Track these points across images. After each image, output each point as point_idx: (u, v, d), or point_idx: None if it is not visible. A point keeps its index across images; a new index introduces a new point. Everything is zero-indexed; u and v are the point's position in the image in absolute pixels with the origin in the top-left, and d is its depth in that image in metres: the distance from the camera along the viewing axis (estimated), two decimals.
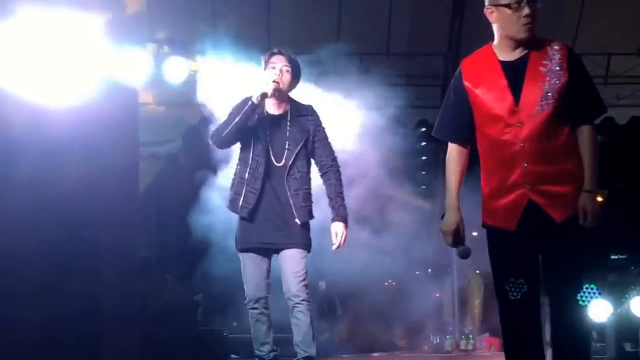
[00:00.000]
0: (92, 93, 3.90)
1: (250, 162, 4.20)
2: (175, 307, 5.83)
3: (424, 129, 8.48)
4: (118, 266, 4.16)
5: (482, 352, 7.87)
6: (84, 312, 3.88)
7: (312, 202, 4.26)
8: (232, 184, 4.27)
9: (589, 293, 6.17)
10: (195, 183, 5.18)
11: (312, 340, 4.15)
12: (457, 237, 3.30)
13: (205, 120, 4.73)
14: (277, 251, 4.24)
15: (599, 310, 6.15)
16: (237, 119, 4.16)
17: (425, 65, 8.40)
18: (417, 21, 8.18)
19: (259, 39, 7.35)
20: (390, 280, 9.22)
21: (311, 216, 4.25)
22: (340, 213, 4.23)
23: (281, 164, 4.16)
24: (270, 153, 4.19)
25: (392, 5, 8.03)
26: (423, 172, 8.28)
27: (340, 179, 4.30)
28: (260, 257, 4.25)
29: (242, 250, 4.27)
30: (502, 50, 3.24)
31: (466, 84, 3.24)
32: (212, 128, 4.45)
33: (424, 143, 9.50)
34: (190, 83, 6.00)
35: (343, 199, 4.27)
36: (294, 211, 4.15)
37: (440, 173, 9.49)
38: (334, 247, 4.24)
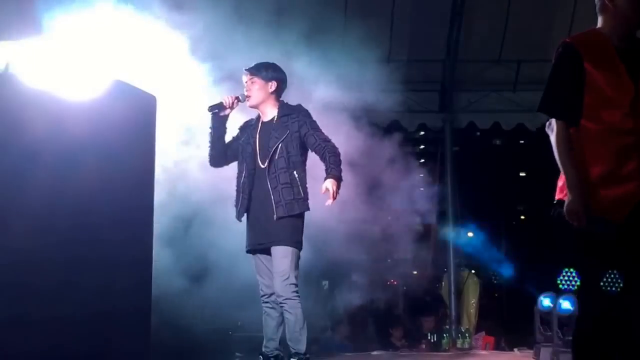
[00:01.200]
0: (110, 98, 3.99)
1: (242, 170, 4.45)
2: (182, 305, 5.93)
3: (422, 133, 8.63)
4: (133, 267, 4.23)
5: (478, 351, 7.99)
6: (97, 312, 3.92)
7: (294, 197, 4.27)
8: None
9: (569, 278, 6.35)
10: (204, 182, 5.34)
11: (299, 337, 4.22)
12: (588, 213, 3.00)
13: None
14: (266, 250, 4.37)
15: None
16: (210, 136, 4.51)
17: (424, 71, 8.59)
18: (417, 29, 8.35)
19: (266, 52, 7.49)
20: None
21: (292, 210, 4.26)
22: (332, 172, 4.25)
23: (264, 165, 4.35)
24: (258, 158, 4.40)
25: (394, 14, 8.21)
26: (421, 175, 8.41)
27: (335, 154, 4.31)
28: (264, 256, 4.39)
29: (248, 252, 4.47)
30: (614, 36, 3.15)
31: (587, 65, 3.09)
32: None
33: (422, 147, 9.63)
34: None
35: (337, 165, 4.28)
36: (274, 208, 4.27)
37: (437, 175, 9.69)
38: (327, 202, 4.26)
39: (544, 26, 8.45)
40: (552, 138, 3.17)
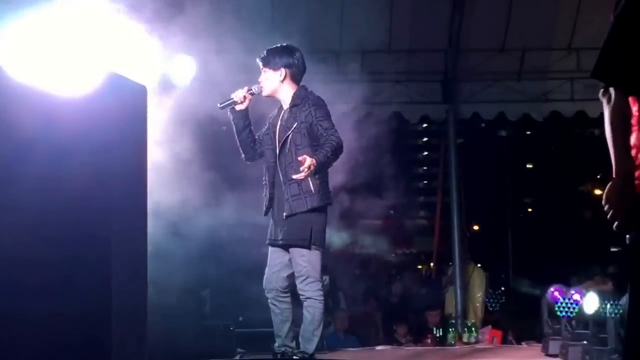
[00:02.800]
0: (101, 90, 3.91)
1: (264, 163, 4.39)
2: (182, 300, 5.89)
3: (425, 125, 8.56)
4: (127, 264, 4.16)
5: (485, 345, 7.91)
6: (92, 309, 3.87)
7: (301, 192, 4.17)
8: None
9: (568, 305, 6.27)
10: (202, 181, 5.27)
11: (311, 337, 4.23)
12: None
13: (212, 119, 4.83)
14: (285, 246, 4.31)
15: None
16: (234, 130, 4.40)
17: (426, 61, 8.47)
18: (418, 18, 8.25)
19: (263, 35, 7.42)
20: None
21: (299, 207, 4.17)
22: (316, 154, 4.13)
23: (276, 159, 4.29)
24: (275, 150, 4.31)
25: (393, 3, 8.11)
26: (424, 168, 8.32)
27: (332, 142, 4.16)
28: (274, 251, 4.34)
29: (268, 245, 4.42)
30: None
31: None
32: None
33: (425, 139, 9.56)
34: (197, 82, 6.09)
35: (328, 152, 4.14)
36: (283, 206, 4.21)
37: (441, 169, 9.62)
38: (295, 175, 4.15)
39: (549, 13, 8.34)
40: (606, 111, 2.59)
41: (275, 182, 4.28)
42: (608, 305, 5.35)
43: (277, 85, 4.36)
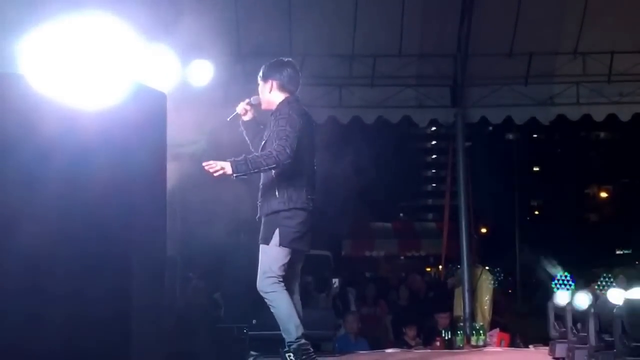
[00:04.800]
0: (121, 97, 3.98)
1: None
2: (197, 304, 5.95)
3: (434, 128, 8.63)
4: (147, 267, 4.22)
5: (493, 348, 7.94)
6: (112, 312, 3.93)
7: (270, 196, 4.33)
8: None
9: (564, 282, 6.31)
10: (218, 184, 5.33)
11: (287, 326, 4.33)
12: None
13: (229, 122, 4.90)
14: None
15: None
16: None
17: (436, 66, 8.55)
18: (428, 24, 8.32)
19: (281, 39, 7.52)
20: None
21: (267, 210, 4.33)
22: (238, 158, 4.25)
23: None
24: None
25: (404, 10, 8.19)
26: (433, 171, 8.39)
27: (269, 152, 4.24)
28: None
29: None
30: None
31: None
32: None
33: (434, 142, 9.62)
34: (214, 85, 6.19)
35: (255, 160, 4.22)
36: (258, 207, 4.43)
37: (449, 172, 9.65)
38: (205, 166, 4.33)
39: (555, 18, 8.40)
40: None
41: (258, 186, 4.48)
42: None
43: (267, 96, 4.50)
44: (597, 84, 8.63)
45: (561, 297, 6.31)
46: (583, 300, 5.70)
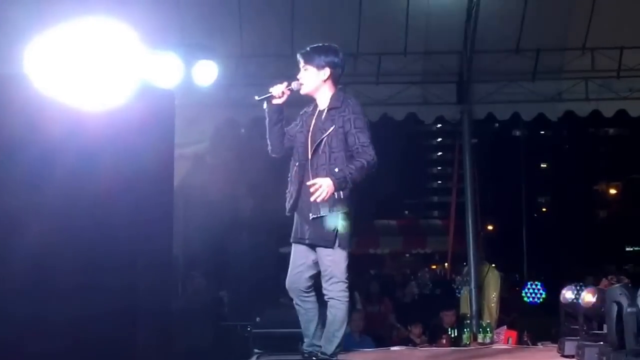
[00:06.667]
0: (129, 97, 3.95)
1: (295, 160, 4.32)
2: (200, 302, 5.93)
3: (440, 125, 8.59)
4: (153, 266, 4.21)
5: (500, 345, 7.88)
6: (117, 311, 3.91)
7: (332, 195, 4.08)
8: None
9: (534, 291, 6.23)
10: (221, 184, 5.29)
11: (331, 338, 4.20)
12: None
13: (231, 122, 4.84)
14: (311, 246, 4.27)
15: None
16: (266, 123, 4.34)
17: (441, 63, 8.48)
18: (433, 20, 8.26)
19: (283, 40, 7.48)
20: None
21: (326, 210, 4.13)
22: (337, 173, 4.06)
23: (308, 158, 4.22)
24: (308, 149, 4.26)
25: (409, 5, 8.13)
26: (439, 168, 8.35)
27: (363, 161, 4.08)
28: (298, 251, 4.30)
29: (292, 243, 4.39)
30: None
31: None
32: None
33: (440, 139, 9.58)
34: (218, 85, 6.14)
35: (352, 171, 4.05)
36: (311, 206, 4.16)
37: (455, 170, 9.61)
38: (311, 197, 4.09)
39: (563, 13, 8.33)
40: None
41: (304, 181, 4.22)
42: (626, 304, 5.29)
43: (318, 84, 4.28)
44: (606, 80, 8.55)
45: (569, 293, 6.25)
46: (590, 297, 5.64)
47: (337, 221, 4.18)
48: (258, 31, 5.62)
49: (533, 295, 6.20)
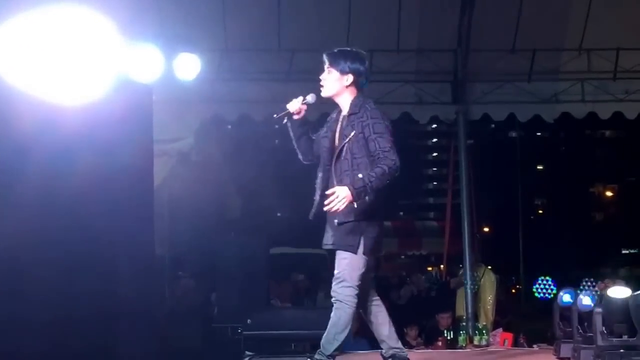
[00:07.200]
0: (106, 91, 3.86)
1: (319, 166, 4.31)
2: (188, 303, 5.86)
3: (435, 126, 8.51)
4: (132, 265, 4.13)
5: (496, 347, 7.85)
6: (97, 312, 3.84)
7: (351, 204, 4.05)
8: None
9: (545, 286, 6.19)
10: (208, 182, 5.20)
11: (332, 339, 4.14)
12: None
13: (217, 118, 4.75)
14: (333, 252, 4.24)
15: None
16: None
17: (436, 61, 8.41)
18: (427, 17, 8.19)
19: (269, 33, 7.39)
20: None
21: (350, 216, 4.08)
22: (356, 182, 4.01)
23: (332, 164, 4.20)
24: (331, 154, 4.24)
25: (402, 2, 8.05)
26: (434, 169, 8.27)
27: (385, 167, 4.03)
28: (331, 260, 4.24)
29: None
30: None
31: None
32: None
33: (435, 140, 9.52)
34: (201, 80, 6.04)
35: (366, 180, 3.99)
36: (335, 212, 4.08)
37: (451, 171, 9.56)
38: (325, 207, 4.04)
39: (560, 13, 8.27)
40: None
41: (328, 186, 4.17)
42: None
43: (340, 89, 4.24)
44: (602, 81, 8.51)
45: (566, 296, 6.22)
46: (587, 299, 5.59)
47: (361, 228, 4.13)
48: (243, 24, 5.51)
49: (544, 290, 6.14)
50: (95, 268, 3.83)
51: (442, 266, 12.52)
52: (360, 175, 4.04)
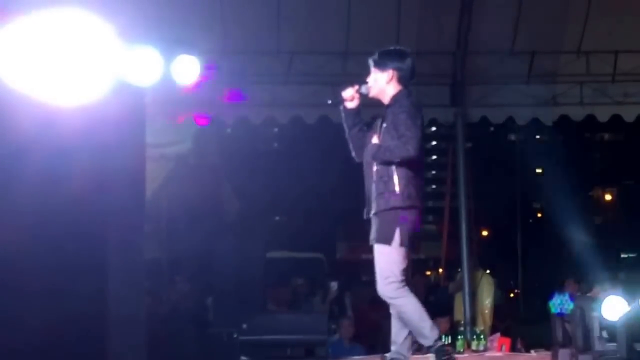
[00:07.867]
0: (100, 93, 3.86)
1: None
2: (184, 308, 5.83)
3: (433, 129, 8.48)
4: (125, 267, 4.13)
5: (494, 352, 7.81)
6: (90, 314, 3.83)
7: (386, 191, 4.13)
8: None
9: (562, 302, 6.17)
10: (206, 185, 5.18)
11: (421, 330, 4.15)
12: None
13: (217, 121, 4.71)
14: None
15: (610, 309, 6.08)
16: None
17: (434, 64, 8.37)
18: (426, 20, 8.16)
19: (268, 38, 7.37)
20: None
21: (382, 205, 4.12)
22: (378, 144, 4.19)
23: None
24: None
25: (401, 5, 8.02)
26: (433, 172, 8.24)
27: (395, 147, 4.13)
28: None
29: None
30: None
31: None
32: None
33: (434, 142, 9.49)
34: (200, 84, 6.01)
35: (386, 150, 4.13)
36: (372, 204, 4.17)
37: (449, 174, 9.52)
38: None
39: (559, 16, 8.25)
40: None
41: (368, 181, 4.25)
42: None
43: (383, 86, 4.35)
44: (601, 84, 8.48)
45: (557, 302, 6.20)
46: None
47: (397, 219, 4.12)
48: (242, 26, 5.49)
49: (561, 306, 6.15)
50: (86, 267, 3.84)
51: (440, 270, 12.48)
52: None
